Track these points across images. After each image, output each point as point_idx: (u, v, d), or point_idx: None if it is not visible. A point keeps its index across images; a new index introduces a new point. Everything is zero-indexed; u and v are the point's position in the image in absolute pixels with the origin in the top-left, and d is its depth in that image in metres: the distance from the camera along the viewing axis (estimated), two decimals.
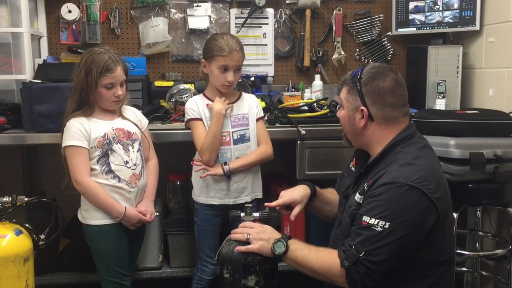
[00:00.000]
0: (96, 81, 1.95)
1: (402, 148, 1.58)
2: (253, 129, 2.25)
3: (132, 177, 2.06)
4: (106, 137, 2.01)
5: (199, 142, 2.15)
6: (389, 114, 1.59)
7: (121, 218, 2.02)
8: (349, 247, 1.50)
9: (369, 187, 1.55)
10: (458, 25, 2.88)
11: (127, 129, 2.08)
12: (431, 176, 1.50)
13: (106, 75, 1.95)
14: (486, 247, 2.72)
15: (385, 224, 1.45)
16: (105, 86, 1.97)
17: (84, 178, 1.98)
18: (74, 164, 1.98)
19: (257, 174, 2.29)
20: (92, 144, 1.99)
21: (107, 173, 2.01)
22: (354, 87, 1.61)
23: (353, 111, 1.63)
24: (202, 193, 2.24)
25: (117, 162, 2.03)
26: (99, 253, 2.08)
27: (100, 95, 1.99)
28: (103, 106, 2.04)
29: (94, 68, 1.94)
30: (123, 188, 2.04)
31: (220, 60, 2.11)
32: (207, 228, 2.26)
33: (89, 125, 1.99)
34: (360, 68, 1.64)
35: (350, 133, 1.70)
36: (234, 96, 2.27)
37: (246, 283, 1.61)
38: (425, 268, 1.54)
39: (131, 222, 2.05)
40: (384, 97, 1.58)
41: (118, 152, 2.03)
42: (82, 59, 1.99)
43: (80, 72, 1.96)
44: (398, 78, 1.62)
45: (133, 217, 2.05)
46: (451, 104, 2.81)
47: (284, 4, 3.09)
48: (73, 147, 1.97)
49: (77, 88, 1.99)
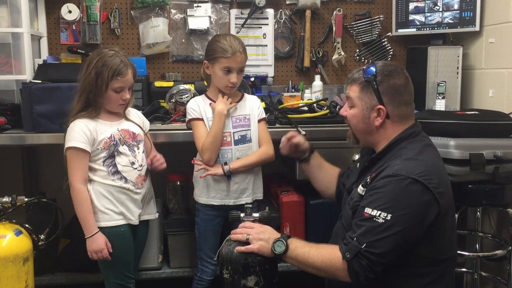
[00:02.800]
0: (107, 84, 1.92)
1: (407, 144, 1.59)
2: (254, 130, 2.25)
3: (138, 178, 2.05)
4: (112, 139, 2.00)
5: (200, 142, 2.15)
6: (404, 111, 1.63)
7: (89, 237, 1.95)
8: (351, 239, 1.51)
9: (371, 179, 1.56)
10: (458, 26, 2.88)
11: (132, 131, 2.07)
12: (434, 172, 1.52)
13: (117, 79, 1.93)
14: (486, 248, 2.72)
15: (387, 215, 1.46)
16: (115, 90, 1.95)
17: (77, 185, 1.94)
18: (72, 168, 1.96)
19: (258, 175, 2.29)
20: (98, 146, 1.97)
21: (114, 174, 2.00)
22: (369, 85, 1.61)
23: (368, 110, 1.63)
24: (202, 193, 2.24)
25: (123, 163, 2.02)
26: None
27: (108, 98, 1.97)
28: (109, 108, 2.02)
29: (106, 70, 1.91)
30: (130, 189, 2.03)
31: (223, 62, 2.11)
32: (207, 228, 2.26)
33: (95, 127, 1.97)
34: (371, 66, 1.64)
35: (362, 131, 1.69)
36: (236, 97, 2.27)
37: (246, 283, 1.61)
38: (425, 265, 1.55)
39: (92, 247, 1.94)
40: (401, 95, 1.61)
41: (124, 153, 2.02)
42: (92, 61, 1.95)
43: (90, 74, 1.93)
44: (408, 75, 1.65)
45: (99, 243, 1.95)
46: (451, 105, 2.81)
47: (284, 5, 3.09)
48: (75, 149, 1.94)
49: (85, 89, 1.96)
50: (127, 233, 2.05)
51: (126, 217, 2.03)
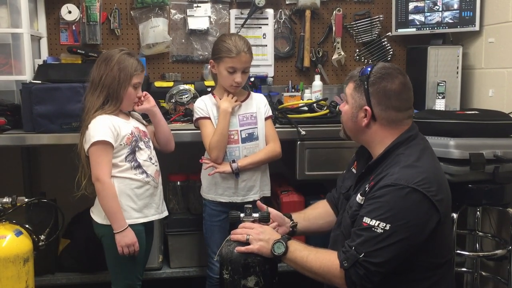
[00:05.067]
0: (130, 78, 2.00)
1: (404, 150, 1.57)
2: (261, 127, 2.26)
3: (156, 173, 2.09)
4: (133, 135, 2.03)
5: (207, 140, 2.17)
6: (393, 116, 1.59)
7: (120, 232, 1.95)
8: (349, 248, 1.50)
9: (370, 188, 1.55)
10: (457, 26, 2.88)
11: (142, 129, 2.12)
12: (433, 178, 1.50)
13: (138, 74, 2.03)
14: (486, 248, 2.72)
15: (386, 225, 1.45)
16: (134, 85, 2.02)
17: (106, 179, 1.95)
18: (100, 162, 1.95)
19: (266, 172, 2.31)
20: (121, 142, 1.99)
21: (136, 168, 2.02)
22: (361, 85, 1.61)
23: (357, 109, 1.63)
24: (210, 190, 2.26)
25: (144, 158, 2.05)
26: (117, 254, 1.98)
27: (128, 94, 2.02)
28: (124, 106, 2.06)
29: (128, 66, 2.00)
30: (150, 183, 2.05)
31: (228, 62, 2.13)
32: (214, 223, 2.27)
33: (118, 123, 2.00)
34: (370, 66, 1.63)
35: (350, 130, 1.70)
36: (242, 96, 2.28)
37: (246, 283, 1.61)
38: (425, 270, 1.54)
39: (125, 241, 1.95)
40: (390, 100, 1.58)
41: (143, 149, 2.06)
42: (112, 57, 2.01)
43: (112, 69, 1.99)
44: (406, 82, 1.61)
45: (132, 237, 1.97)
46: (451, 105, 2.81)
47: (284, 5, 3.09)
48: (102, 143, 1.94)
49: (107, 84, 1.99)
50: (143, 233, 2.05)
51: (145, 215, 2.05)
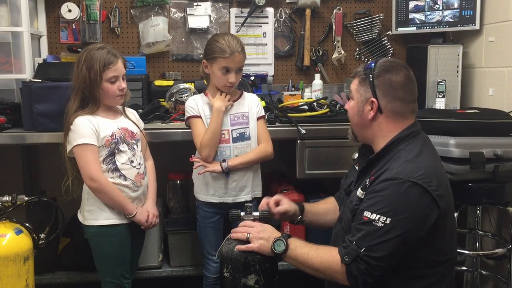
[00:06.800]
0: (100, 75, 1.94)
1: (406, 146, 1.58)
2: (253, 128, 2.25)
3: (137, 176, 2.06)
4: (114, 137, 2.00)
5: (198, 139, 2.16)
6: (399, 108, 1.60)
7: (134, 215, 2.02)
8: (350, 243, 1.50)
9: (371, 182, 1.55)
10: (458, 25, 2.88)
11: (131, 129, 2.08)
12: (433, 174, 1.51)
13: (109, 68, 1.96)
14: (486, 246, 2.72)
15: (386, 219, 1.45)
16: (109, 80, 1.97)
17: (101, 175, 1.96)
18: (88, 162, 1.94)
19: (257, 172, 2.30)
20: (100, 143, 1.98)
21: (113, 171, 2.00)
22: (366, 78, 1.62)
23: (363, 103, 1.63)
24: (201, 190, 2.25)
25: (123, 161, 2.02)
26: (102, 254, 2.05)
27: (105, 91, 1.97)
28: (108, 102, 2.02)
29: (96, 63, 1.94)
30: (129, 186, 2.04)
31: (221, 62, 2.12)
32: (207, 225, 2.27)
33: (97, 123, 1.98)
34: (374, 61, 1.65)
35: (357, 125, 1.70)
36: (235, 95, 2.27)
37: (246, 282, 1.61)
38: (425, 267, 1.54)
39: (144, 216, 2.06)
40: (395, 91, 1.59)
41: (124, 151, 2.03)
42: (81, 57, 1.98)
43: (81, 70, 1.95)
44: (410, 75, 1.63)
45: (144, 215, 2.06)
46: (451, 104, 2.81)
47: (284, 4, 3.09)
48: (85, 145, 1.94)
49: (80, 86, 1.97)
50: (125, 232, 2.05)
51: (122, 217, 2.04)
